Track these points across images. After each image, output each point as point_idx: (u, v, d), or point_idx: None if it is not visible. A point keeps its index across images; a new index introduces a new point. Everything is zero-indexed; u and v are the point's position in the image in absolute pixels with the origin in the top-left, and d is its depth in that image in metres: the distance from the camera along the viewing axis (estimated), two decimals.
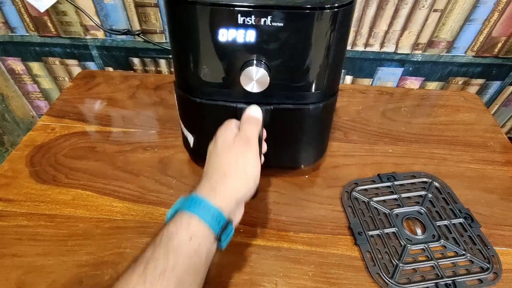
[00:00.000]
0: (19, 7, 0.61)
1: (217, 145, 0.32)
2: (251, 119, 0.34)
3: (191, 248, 0.26)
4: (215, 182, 0.30)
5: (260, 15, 0.30)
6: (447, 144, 0.53)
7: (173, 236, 0.26)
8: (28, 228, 0.40)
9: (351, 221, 0.42)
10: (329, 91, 0.38)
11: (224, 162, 0.31)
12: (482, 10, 0.56)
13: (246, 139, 0.32)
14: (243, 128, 0.33)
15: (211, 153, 0.33)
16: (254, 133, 0.33)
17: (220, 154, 0.31)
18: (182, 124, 0.44)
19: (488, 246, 0.39)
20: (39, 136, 0.51)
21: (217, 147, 0.32)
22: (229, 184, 0.30)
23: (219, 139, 0.33)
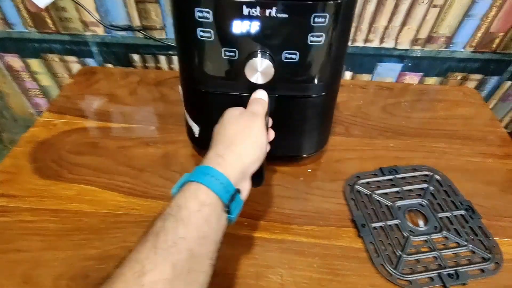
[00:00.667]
0: (17, 3, 0.61)
1: (224, 120, 0.33)
2: (258, 100, 0.35)
3: (201, 218, 0.26)
4: (222, 150, 0.30)
5: (265, 6, 0.30)
6: (447, 138, 0.53)
7: (182, 207, 0.26)
8: (33, 223, 0.40)
9: (354, 213, 0.42)
10: (331, 82, 0.39)
11: (230, 132, 0.31)
12: (481, 5, 0.56)
13: (252, 113, 0.33)
14: (249, 107, 0.34)
15: (218, 129, 0.33)
16: (260, 110, 0.34)
17: (227, 126, 0.32)
18: (187, 114, 0.44)
19: (489, 237, 0.40)
20: (41, 132, 0.51)
21: (224, 121, 0.33)
22: (235, 151, 0.30)
23: (226, 115, 0.33)
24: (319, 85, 0.37)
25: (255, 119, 0.32)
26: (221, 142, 0.31)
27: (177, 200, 0.26)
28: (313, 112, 0.41)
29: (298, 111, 0.40)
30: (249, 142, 0.31)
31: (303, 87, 0.37)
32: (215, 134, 0.32)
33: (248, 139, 0.31)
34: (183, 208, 0.26)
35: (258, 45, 0.32)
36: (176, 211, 0.26)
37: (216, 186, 0.27)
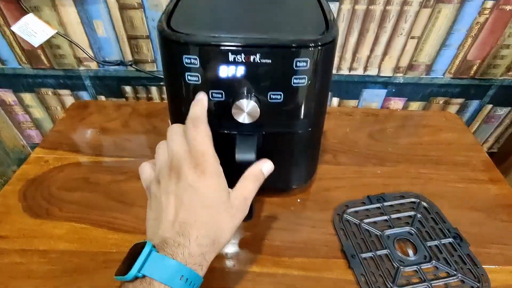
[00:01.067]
0: (10, 40, 0.62)
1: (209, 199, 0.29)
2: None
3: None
4: (205, 249, 0.27)
5: (249, 53, 0.32)
6: (432, 163, 0.55)
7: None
8: (22, 265, 0.40)
9: (344, 244, 0.42)
10: (316, 118, 0.40)
11: (212, 225, 0.28)
12: (456, 36, 0.60)
13: (243, 204, 0.31)
14: (242, 184, 0.32)
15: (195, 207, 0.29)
16: (251, 193, 0.32)
17: (212, 214, 0.29)
18: None
19: (478, 265, 0.40)
20: (32, 169, 0.52)
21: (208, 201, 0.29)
22: (215, 250, 0.28)
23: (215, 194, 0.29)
24: (304, 121, 0.38)
25: (243, 213, 0.30)
26: (203, 235, 0.27)
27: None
28: (300, 147, 0.42)
29: (285, 146, 0.41)
30: (229, 236, 0.29)
31: (289, 124, 0.38)
32: (196, 214, 0.28)
33: (229, 234, 0.29)
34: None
35: (244, 87, 0.34)
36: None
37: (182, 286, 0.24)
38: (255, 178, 0.32)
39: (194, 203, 0.27)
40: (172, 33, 0.32)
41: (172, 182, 0.28)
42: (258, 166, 0.33)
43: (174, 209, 0.28)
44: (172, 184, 0.28)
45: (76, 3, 0.57)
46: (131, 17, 0.58)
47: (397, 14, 0.57)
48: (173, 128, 0.32)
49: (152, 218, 0.30)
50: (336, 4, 0.56)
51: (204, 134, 0.30)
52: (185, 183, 0.28)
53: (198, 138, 0.29)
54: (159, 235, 0.27)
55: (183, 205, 0.27)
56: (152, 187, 0.31)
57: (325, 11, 0.37)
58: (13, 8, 0.57)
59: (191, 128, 0.30)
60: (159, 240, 0.26)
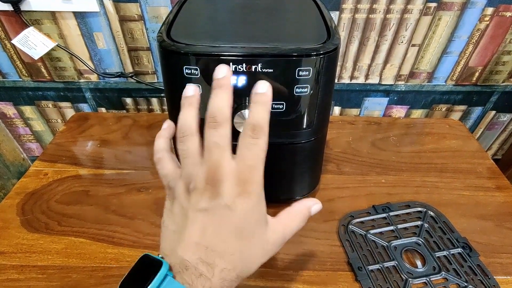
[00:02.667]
0: (10, 54, 0.62)
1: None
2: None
3: None
4: (224, 275, 0.23)
5: (251, 63, 0.31)
6: (437, 171, 0.54)
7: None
8: (19, 281, 0.38)
9: (350, 255, 0.41)
10: (319, 127, 0.40)
11: (232, 244, 0.24)
12: (457, 43, 0.60)
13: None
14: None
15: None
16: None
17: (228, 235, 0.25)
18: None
19: (489, 276, 0.39)
20: (31, 183, 0.51)
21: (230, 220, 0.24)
22: (234, 275, 0.24)
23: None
24: (307, 131, 0.37)
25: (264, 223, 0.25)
26: (221, 258, 0.23)
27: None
28: (303, 157, 0.41)
29: (288, 157, 0.40)
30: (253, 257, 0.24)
31: (291, 135, 0.38)
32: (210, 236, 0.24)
33: (253, 251, 0.24)
34: None
35: (245, 97, 0.33)
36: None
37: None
38: (301, 217, 0.28)
39: (226, 228, 0.23)
40: (172, 43, 0.32)
41: (206, 197, 0.23)
42: (308, 204, 0.29)
43: (201, 228, 0.23)
44: (205, 200, 0.23)
45: (76, 16, 0.57)
46: (131, 29, 0.59)
47: (397, 22, 0.57)
48: (219, 128, 0.24)
49: (171, 229, 0.25)
50: (336, 13, 0.56)
51: (262, 149, 0.24)
52: (221, 201, 0.23)
53: (254, 151, 0.24)
54: (178, 255, 0.23)
55: (213, 228, 0.23)
56: (178, 191, 0.25)
57: (326, 19, 0.37)
58: (14, 21, 0.57)
59: (249, 137, 0.24)
60: (177, 261, 0.23)
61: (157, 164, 0.28)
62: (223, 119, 0.25)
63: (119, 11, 0.56)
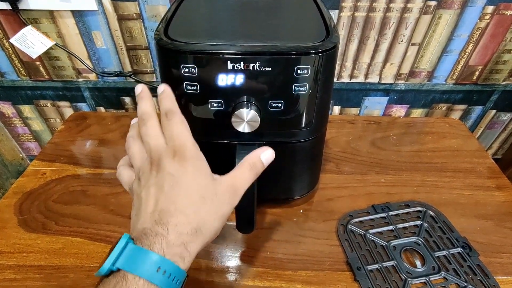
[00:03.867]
0: (9, 53, 0.62)
1: (198, 184, 0.28)
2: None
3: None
4: (187, 238, 0.25)
5: (249, 61, 0.31)
6: (437, 171, 0.54)
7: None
8: (16, 281, 0.38)
9: (349, 255, 0.41)
10: (318, 126, 0.39)
11: (199, 213, 0.27)
12: (457, 42, 0.59)
13: (233, 190, 0.29)
14: (237, 172, 0.30)
15: (183, 188, 0.28)
16: (245, 181, 0.29)
17: (195, 201, 0.27)
18: None
19: (489, 276, 0.39)
20: (29, 182, 0.51)
21: (192, 187, 0.28)
22: (199, 240, 0.26)
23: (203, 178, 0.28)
24: (306, 130, 0.37)
25: (233, 198, 0.28)
26: (184, 223, 0.25)
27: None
28: (302, 156, 0.41)
29: (287, 156, 0.40)
30: (218, 228, 0.27)
31: (290, 134, 0.37)
32: (178, 196, 0.26)
33: (218, 223, 0.27)
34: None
35: (243, 96, 0.33)
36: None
37: (166, 282, 0.22)
38: (251, 166, 0.30)
39: (174, 191, 0.26)
40: (170, 42, 0.32)
41: (153, 175, 0.27)
42: (256, 153, 0.30)
43: (154, 200, 0.26)
44: (153, 177, 0.27)
45: (75, 15, 0.57)
46: (129, 27, 0.58)
47: (397, 21, 0.57)
48: (146, 122, 0.29)
49: (134, 215, 0.28)
50: (335, 12, 0.56)
51: (180, 123, 0.29)
52: (164, 172, 0.26)
53: (175, 128, 0.28)
54: (137, 228, 0.25)
55: (163, 194, 0.26)
56: (134, 186, 0.29)
57: (326, 18, 0.37)
58: (12, 20, 0.57)
59: (165, 121, 0.29)
60: (138, 232, 0.25)
61: (118, 177, 0.32)
62: (147, 117, 0.30)
63: (118, 9, 0.56)
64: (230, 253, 0.42)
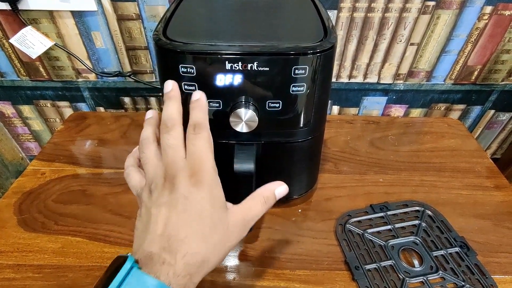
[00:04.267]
0: (9, 53, 0.62)
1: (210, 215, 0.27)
2: (269, 200, 0.30)
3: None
4: (193, 269, 0.25)
5: (246, 61, 0.31)
6: (435, 170, 0.54)
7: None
8: (15, 281, 0.38)
9: (347, 255, 0.41)
10: (316, 126, 0.39)
11: (206, 245, 0.26)
12: (456, 42, 0.59)
13: (243, 225, 0.28)
14: (248, 204, 0.29)
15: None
16: (255, 215, 0.29)
17: (207, 234, 0.27)
18: None
19: (486, 275, 0.39)
20: (29, 182, 0.51)
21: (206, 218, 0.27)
22: (204, 270, 0.26)
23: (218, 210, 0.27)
24: (304, 130, 0.37)
25: (240, 233, 0.28)
26: (191, 255, 0.24)
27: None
28: (301, 156, 0.41)
29: (285, 156, 0.40)
30: (222, 257, 0.26)
31: (288, 133, 0.38)
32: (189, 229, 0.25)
33: (223, 254, 0.26)
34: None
35: (241, 96, 0.33)
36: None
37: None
38: (264, 200, 0.29)
39: (186, 216, 0.25)
40: (168, 42, 0.32)
41: (166, 193, 0.26)
42: (271, 187, 0.30)
43: (163, 221, 0.25)
44: (165, 195, 0.26)
45: (74, 15, 0.57)
46: (129, 28, 0.58)
47: (396, 21, 0.57)
48: (171, 131, 0.28)
49: (140, 230, 0.27)
50: (334, 12, 0.56)
51: (205, 141, 0.27)
52: (178, 193, 0.25)
53: (198, 145, 0.27)
54: (143, 249, 0.24)
55: (174, 218, 0.25)
56: (143, 196, 0.28)
57: (324, 18, 0.37)
58: (12, 20, 0.57)
59: (191, 134, 0.27)
60: (144, 254, 0.24)
61: (126, 178, 0.31)
62: (173, 124, 0.28)
63: (117, 10, 0.56)
64: (229, 252, 0.42)
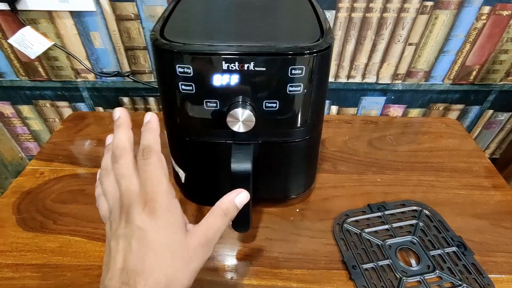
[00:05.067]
0: (7, 53, 0.62)
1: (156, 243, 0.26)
2: (220, 211, 0.29)
3: None
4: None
5: (243, 61, 0.31)
6: (433, 170, 0.54)
7: None
8: (14, 280, 0.39)
9: (344, 254, 0.41)
10: (313, 126, 0.40)
11: (161, 267, 0.25)
12: (454, 42, 0.59)
13: (205, 245, 0.27)
14: (205, 222, 0.28)
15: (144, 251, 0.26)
16: (213, 234, 0.28)
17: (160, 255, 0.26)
18: (173, 160, 0.45)
19: (483, 275, 0.39)
20: (27, 182, 0.51)
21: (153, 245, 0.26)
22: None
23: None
24: (301, 130, 0.37)
25: (204, 251, 0.27)
26: (152, 280, 0.24)
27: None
28: (298, 155, 0.41)
29: (282, 155, 0.40)
30: (187, 278, 0.25)
31: (285, 133, 0.38)
32: (143, 256, 0.25)
33: (186, 274, 0.26)
34: None
35: (238, 96, 0.33)
36: None
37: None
38: (223, 212, 0.29)
39: (142, 248, 0.24)
40: (165, 42, 0.32)
41: (122, 225, 0.25)
42: (230, 197, 0.29)
43: (122, 255, 0.24)
44: (122, 227, 0.25)
45: (73, 15, 0.57)
46: (128, 28, 0.59)
47: (394, 21, 0.57)
48: (120, 160, 0.27)
49: (105, 263, 0.26)
50: (332, 13, 0.56)
51: (156, 166, 0.26)
52: (133, 225, 0.25)
53: (149, 171, 0.26)
54: (105, 285, 0.24)
55: (131, 251, 0.24)
56: (106, 228, 0.28)
57: (321, 19, 0.37)
58: (11, 21, 0.57)
59: (141, 160, 0.27)
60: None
61: (97, 207, 0.30)
62: (121, 153, 0.27)
63: (116, 10, 0.56)
64: (226, 251, 0.42)
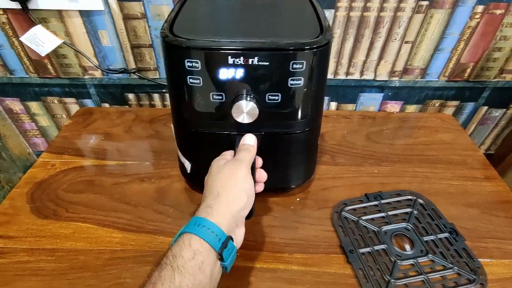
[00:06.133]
0: (18, 51, 0.65)
1: (211, 171, 0.36)
2: (245, 147, 0.38)
3: (195, 265, 0.27)
4: (211, 201, 0.32)
5: (248, 56, 0.34)
6: (428, 163, 0.56)
7: (177, 256, 0.28)
8: (29, 263, 0.41)
9: (342, 240, 0.44)
10: (313, 118, 0.42)
11: (216, 183, 0.34)
12: (449, 40, 0.62)
13: (236, 161, 0.36)
14: (236, 155, 0.37)
15: (207, 180, 0.36)
16: (245, 157, 0.36)
17: (214, 177, 0.35)
18: (179, 151, 0.47)
19: (474, 259, 0.41)
20: (39, 173, 0.53)
21: (211, 172, 0.36)
22: (223, 200, 0.32)
23: (213, 167, 0.36)
24: (302, 121, 0.40)
25: (239, 166, 0.35)
26: (209, 193, 0.33)
27: (173, 250, 0.28)
28: (299, 146, 0.44)
29: (284, 146, 0.43)
30: (235, 190, 0.33)
31: (287, 125, 0.40)
32: (205, 185, 0.35)
33: (234, 186, 0.33)
34: (178, 257, 0.28)
35: (243, 89, 0.36)
36: (171, 260, 0.27)
37: (207, 235, 0.29)
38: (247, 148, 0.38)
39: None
40: (174, 38, 0.35)
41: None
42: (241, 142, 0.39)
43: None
44: None
45: (82, 14, 0.59)
46: (134, 26, 0.61)
47: (390, 20, 0.59)
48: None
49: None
50: (331, 11, 0.59)
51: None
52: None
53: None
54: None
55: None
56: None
57: (320, 17, 0.39)
58: (22, 19, 0.60)
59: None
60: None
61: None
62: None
63: (123, 9, 0.59)
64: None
